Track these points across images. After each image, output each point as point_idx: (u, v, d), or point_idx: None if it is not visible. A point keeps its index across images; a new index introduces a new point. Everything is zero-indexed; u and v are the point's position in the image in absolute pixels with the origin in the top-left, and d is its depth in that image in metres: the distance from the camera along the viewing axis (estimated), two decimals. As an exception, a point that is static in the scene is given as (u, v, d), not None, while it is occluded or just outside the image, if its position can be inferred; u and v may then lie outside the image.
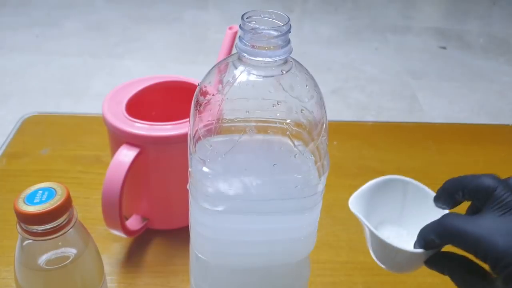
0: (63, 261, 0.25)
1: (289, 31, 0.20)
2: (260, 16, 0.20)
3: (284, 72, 0.21)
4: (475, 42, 1.71)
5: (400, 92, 1.39)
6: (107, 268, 0.30)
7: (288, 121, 0.21)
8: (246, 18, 0.20)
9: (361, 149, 0.50)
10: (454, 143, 0.52)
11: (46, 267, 0.25)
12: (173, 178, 0.35)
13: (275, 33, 0.20)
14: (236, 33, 0.39)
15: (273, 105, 0.21)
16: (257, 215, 0.17)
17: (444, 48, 1.66)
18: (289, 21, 0.20)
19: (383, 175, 0.47)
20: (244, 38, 0.20)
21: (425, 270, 0.38)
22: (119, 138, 0.33)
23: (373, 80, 1.43)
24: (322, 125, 0.22)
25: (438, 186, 0.46)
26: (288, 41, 0.20)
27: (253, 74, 0.21)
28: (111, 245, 0.36)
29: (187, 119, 0.34)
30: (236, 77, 0.21)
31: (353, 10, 1.92)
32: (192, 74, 0.46)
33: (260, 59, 0.20)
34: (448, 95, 1.39)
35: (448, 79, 1.48)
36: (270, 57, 0.20)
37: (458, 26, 1.84)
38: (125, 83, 0.38)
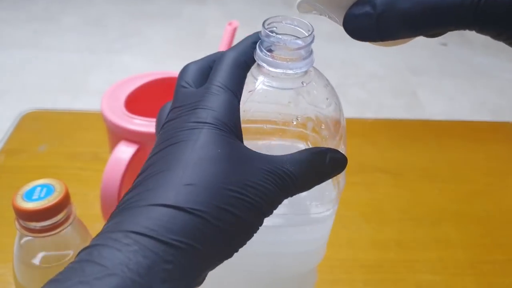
0: (62, 258, 0.25)
1: (312, 41, 0.18)
2: (282, 22, 0.19)
3: (305, 84, 0.20)
4: (476, 39, 1.71)
5: (401, 88, 1.38)
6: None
7: (306, 134, 0.20)
8: (267, 25, 0.18)
9: (361, 146, 0.49)
10: (455, 140, 0.51)
11: (45, 264, 0.24)
12: (173, 175, 0.35)
13: (299, 44, 0.18)
14: (235, 29, 0.38)
15: (292, 118, 0.20)
16: (267, 229, 0.16)
17: (445, 44, 1.66)
18: (313, 31, 0.18)
19: (383, 172, 0.47)
20: (263, 47, 0.18)
21: (425, 269, 0.38)
22: (118, 135, 0.33)
23: (373, 76, 1.42)
24: (340, 138, 0.21)
25: (439, 184, 0.46)
26: (311, 52, 0.19)
27: (272, 86, 0.19)
28: (110, 242, 0.36)
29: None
30: (254, 88, 0.19)
31: (353, 6, 1.91)
32: (191, 70, 0.45)
33: (281, 71, 0.18)
34: (448, 92, 1.39)
35: (449, 76, 1.48)
36: (291, 69, 0.18)
37: (459, 22, 1.83)
38: (123, 79, 0.37)
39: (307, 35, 0.18)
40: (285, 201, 0.16)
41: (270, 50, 0.18)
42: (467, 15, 0.14)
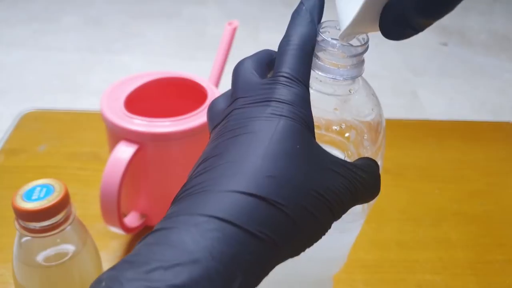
0: (61, 258, 0.25)
1: (366, 50, 0.18)
2: (336, 27, 0.18)
3: (352, 92, 0.19)
4: (476, 39, 1.71)
5: (401, 88, 1.38)
6: (105, 265, 0.30)
7: (345, 142, 0.20)
8: (321, 29, 0.18)
9: (361, 146, 0.49)
10: (455, 140, 0.51)
11: (44, 264, 0.24)
12: (172, 175, 0.35)
13: (353, 52, 0.18)
14: (235, 28, 0.38)
15: (335, 125, 0.19)
16: None
17: (445, 44, 1.66)
18: (368, 40, 0.18)
19: (383, 172, 0.47)
20: (316, 51, 0.18)
21: (425, 269, 0.38)
22: (118, 135, 0.33)
23: (374, 76, 1.42)
24: (379, 150, 0.21)
25: (439, 184, 0.46)
26: (363, 61, 0.18)
27: (320, 91, 0.19)
28: (110, 242, 0.36)
29: (186, 116, 0.34)
30: None
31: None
32: (191, 69, 0.45)
33: (331, 76, 0.18)
34: (449, 92, 1.39)
35: (449, 76, 1.48)
36: (342, 75, 0.18)
37: (460, 22, 1.83)
38: (123, 79, 0.37)
39: (361, 44, 0.18)
40: None
41: (321, 54, 0.18)
42: None
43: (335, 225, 0.19)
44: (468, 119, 1.25)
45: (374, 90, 0.21)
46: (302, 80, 0.16)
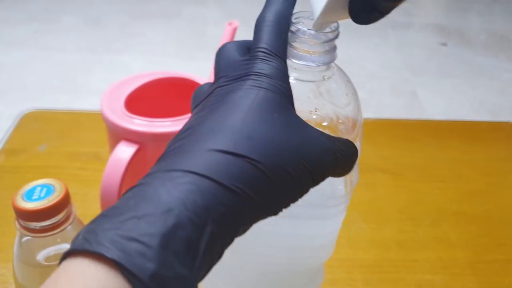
0: (62, 258, 0.25)
1: (337, 37, 0.19)
2: (309, 18, 0.19)
3: (326, 78, 0.20)
4: (476, 39, 1.71)
5: (400, 88, 1.38)
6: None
7: (323, 127, 0.20)
8: (294, 19, 0.19)
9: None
10: (454, 140, 0.51)
11: (45, 263, 0.24)
12: (172, 175, 0.35)
13: (323, 38, 0.19)
14: (235, 29, 0.38)
15: (310, 111, 0.20)
16: (279, 219, 0.17)
17: (445, 44, 1.66)
18: (338, 27, 0.19)
19: (383, 172, 0.47)
20: (289, 40, 0.19)
21: (424, 269, 0.38)
22: (118, 134, 0.33)
23: (373, 76, 1.42)
24: (357, 135, 0.21)
25: (439, 183, 0.46)
26: (334, 48, 0.19)
27: (294, 77, 0.20)
28: (110, 241, 0.36)
29: (187, 116, 0.34)
30: None
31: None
32: (191, 69, 0.45)
33: (303, 63, 0.19)
34: (448, 92, 1.39)
35: (449, 76, 1.48)
36: (314, 62, 0.19)
37: (459, 22, 1.83)
38: (123, 79, 0.37)
39: (332, 30, 0.19)
40: None
41: (294, 43, 0.19)
42: None
43: (319, 210, 0.20)
44: (468, 119, 1.25)
45: (350, 79, 0.22)
46: (279, 54, 0.17)
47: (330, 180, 0.17)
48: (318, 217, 0.22)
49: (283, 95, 0.16)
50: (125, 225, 0.12)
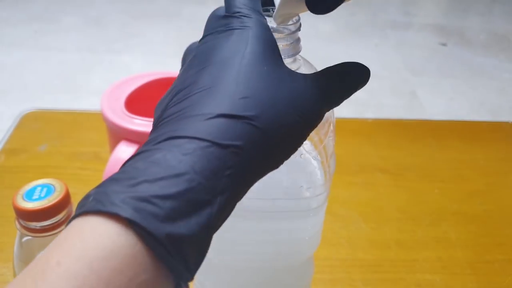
0: (62, 258, 0.25)
1: (298, 29, 0.19)
2: (270, 12, 0.19)
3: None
4: (476, 39, 1.71)
5: (400, 88, 1.38)
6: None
7: None
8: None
9: (360, 146, 0.49)
10: (454, 140, 0.51)
11: (45, 263, 0.24)
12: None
13: (284, 31, 0.19)
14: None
15: None
16: (261, 214, 0.17)
17: (445, 44, 1.66)
18: (299, 19, 0.19)
19: (383, 172, 0.47)
20: None
21: (424, 268, 0.38)
22: (118, 135, 0.33)
23: (373, 76, 1.40)
24: (330, 125, 0.22)
25: (439, 183, 0.46)
26: (298, 40, 0.20)
27: None
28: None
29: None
30: None
31: (353, 6, 1.91)
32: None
33: None
34: (448, 92, 1.39)
35: (448, 76, 1.48)
36: None
37: (459, 22, 1.83)
38: (124, 79, 0.38)
39: (293, 22, 0.19)
40: (278, 185, 0.16)
41: None
42: None
43: (300, 202, 0.19)
44: (467, 119, 1.26)
45: (317, 70, 0.22)
46: (258, 11, 0.17)
47: (308, 171, 0.17)
48: (300, 209, 0.22)
49: (268, 46, 0.16)
50: (137, 188, 0.13)
